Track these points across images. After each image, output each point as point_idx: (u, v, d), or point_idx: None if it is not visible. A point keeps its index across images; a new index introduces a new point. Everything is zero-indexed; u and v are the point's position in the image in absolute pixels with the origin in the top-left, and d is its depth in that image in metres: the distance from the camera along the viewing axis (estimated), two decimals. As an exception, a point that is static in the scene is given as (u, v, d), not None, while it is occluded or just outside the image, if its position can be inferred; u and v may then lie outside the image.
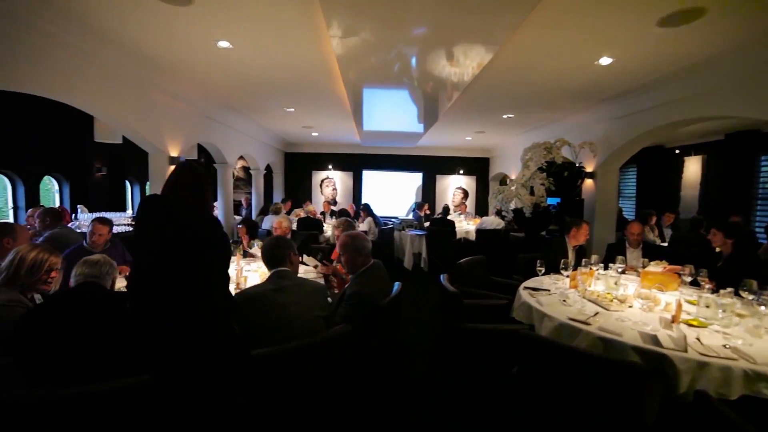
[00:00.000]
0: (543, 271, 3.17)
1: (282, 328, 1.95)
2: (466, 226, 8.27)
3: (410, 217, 8.17)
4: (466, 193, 11.73)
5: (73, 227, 6.01)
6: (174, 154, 5.38)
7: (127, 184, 9.21)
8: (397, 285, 2.89)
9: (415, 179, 11.69)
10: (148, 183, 8.31)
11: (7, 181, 6.42)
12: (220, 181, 7.31)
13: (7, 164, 6.31)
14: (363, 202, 11.31)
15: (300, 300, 2.05)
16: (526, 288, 2.97)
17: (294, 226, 7.04)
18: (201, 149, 7.33)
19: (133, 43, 3.77)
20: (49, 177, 7.14)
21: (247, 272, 3.39)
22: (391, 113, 7.15)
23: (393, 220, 8.17)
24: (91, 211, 6.87)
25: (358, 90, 5.34)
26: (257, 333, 1.94)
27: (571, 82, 4.56)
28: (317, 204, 10.78)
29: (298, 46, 3.81)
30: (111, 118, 4.27)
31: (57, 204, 7.23)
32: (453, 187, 11.71)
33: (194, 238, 1.60)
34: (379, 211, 11.28)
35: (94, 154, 7.80)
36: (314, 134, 9.19)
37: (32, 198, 6.67)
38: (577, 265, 3.23)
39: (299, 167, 11.53)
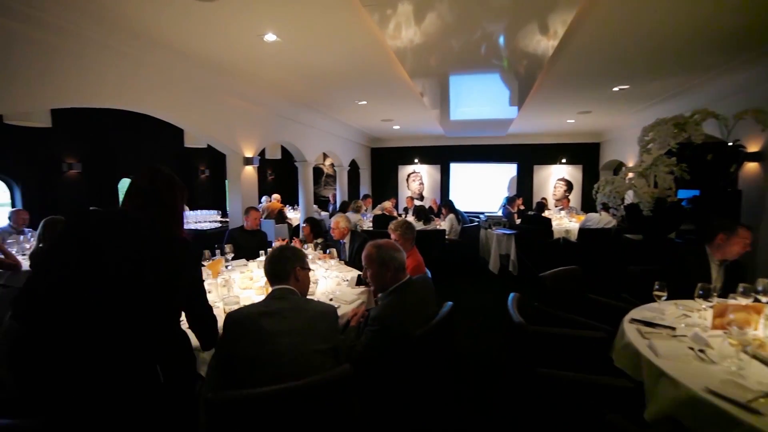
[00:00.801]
0: (665, 296, 2.19)
1: (268, 364, 1.53)
2: (567, 223, 7.00)
3: (499, 213, 7.22)
4: (569, 185, 10.13)
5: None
6: (249, 154, 5.48)
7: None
8: (447, 306, 2.27)
9: (509, 171, 10.50)
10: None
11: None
12: (300, 178, 7.40)
13: (129, 169, 7.27)
14: (449, 197, 10.64)
15: (294, 329, 1.60)
16: (634, 321, 2.07)
17: (367, 225, 6.76)
18: (285, 149, 7.51)
19: (186, 46, 3.78)
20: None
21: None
22: (474, 100, 6.40)
23: (480, 216, 7.33)
24: (194, 209, 7.56)
25: (432, 77, 4.86)
26: (244, 368, 1.55)
27: (722, 21, 3.24)
28: (402, 200, 10.42)
29: (354, 36, 3.51)
30: (183, 122, 4.43)
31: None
32: (554, 178, 10.21)
33: (121, 260, 1.25)
34: (468, 207, 10.48)
35: (200, 158, 8.62)
36: (396, 127, 8.79)
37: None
38: (728, 291, 2.18)
39: (385, 162, 11.29)
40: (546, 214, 7.27)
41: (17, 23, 2.67)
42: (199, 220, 6.47)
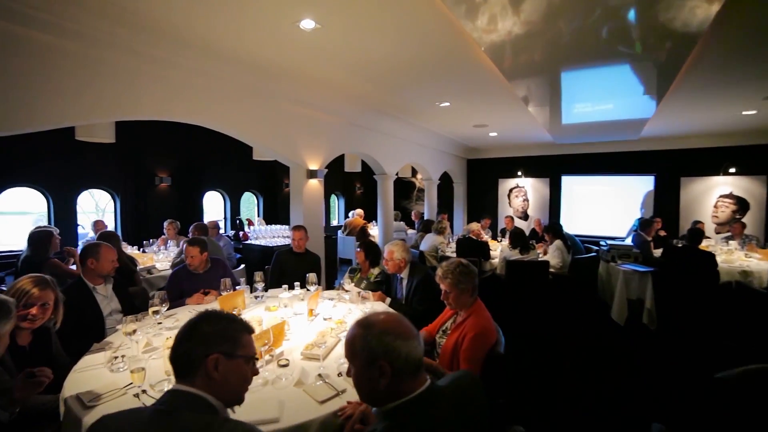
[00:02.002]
0: None
1: None
2: (742, 260, 4.88)
3: (628, 241, 5.44)
4: (742, 204, 7.45)
5: (250, 239, 6.55)
6: (314, 166, 4.99)
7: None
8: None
9: (642, 185, 8.26)
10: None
11: (219, 195, 7.72)
12: (380, 193, 6.75)
13: (215, 183, 7.55)
14: (559, 217, 8.83)
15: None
16: None
17: (451, 251, 5.69)
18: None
19: (231, 50, 3.42)
20: (249, 193, 8.25)
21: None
22: (593, 98, 5.02)
23: (600, 244, 5.63)
24: (278, 223, 7.48)
25: (533, 77, 3.94)
26: None
27: None
28: (501, 219, 8.98)
29: (420, 19, 2.81)
30: (236, 131, 4.08)
31: (255, 216, 8.28)
32: (715, 194, 7.65)
33: None
34: (583, 230, 8.55)
35: (284, 171, 8.65)
36: (492, 134, 7.57)
37: (236, 209, 7.80)
38: None
39: (483, 175, 10.03)
40: (705, 245, 5.23)
41: (53, 37, 2.58)
42: (272, 234, 6.26)
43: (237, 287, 3.01)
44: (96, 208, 6.30)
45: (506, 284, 4.72)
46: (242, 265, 4.79)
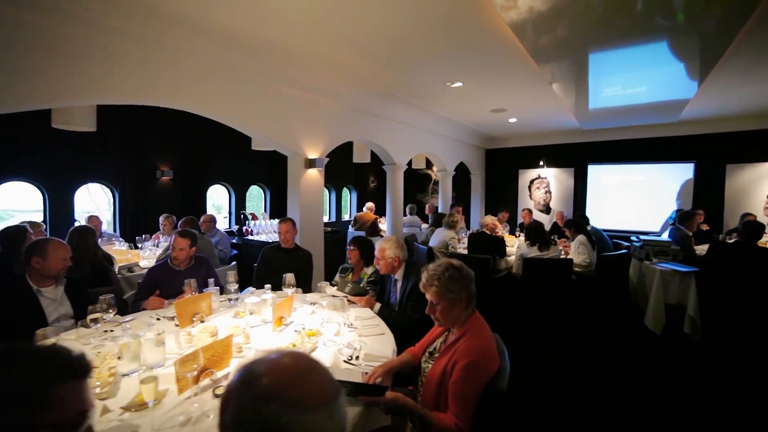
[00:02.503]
0: None
1: None
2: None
3: (665, 237, 4.79)
4: (799, 195, 6.59)
5: (251, 236, 6.26)
6: (313, 155, 4.60)
7: (325, 191, 9.64)
8: None
9: (679, 173, 7.47)
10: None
11: (225, 189, 7.46)
12: (389, 185, 6.32)
13: (225, 179, 7.29)
14: (585, 210, 8.14)
15: None
16: None
17: (462, 247, 5.21)
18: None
19: (221, 27, 3.10)
20: (256, 186, 7.97)
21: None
22: (626, 79, 4.45)
23: (631, 239, 5.00)
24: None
25: (561, 58, 3.52)
26: None
27: None
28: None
29: None
30: (226, 117, 3.73)
31: (262, 210, 8.01)
32: (767, 183, 6.80)
33: None
34: (612, 224, 7.84)
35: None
36: (512, 120, 6.97)
37: (241, 203, 7.54)
38: None
39: (503, 166, 9.42)
40: (762, 241, 4.53)
41: (25, 13, 2.36)
42: (274, 230, 5.94)
43: (212, 288, 2.65)
44: (93, 203, 6.12)
45: (523, 285, 4.21)
46: (233, 263, 4.46)
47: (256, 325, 2.25)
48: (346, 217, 10.06)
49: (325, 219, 9.64)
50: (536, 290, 4.15)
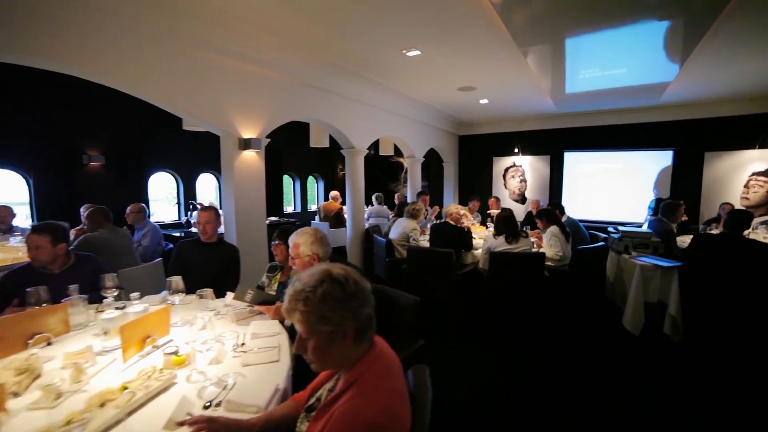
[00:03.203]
0: None
1: None
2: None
3: (644, 228, 4.38)
4: (777, 183, 6.34)
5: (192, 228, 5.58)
6: (250, 135, 3.95)
7: (289, 179, 8.98)
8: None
9: (656, 161, 7.14)
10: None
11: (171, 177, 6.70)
12: (348, 171, 5.71)
13: (169, 165, 6.53)
14: (561, 199, 7.75)
15: None
16: None
17: (425, 239, 4.69)
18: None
19: None
20: (209, 173, 7.24)
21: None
22: (604, 59, 4.17)
23: (610, 230, 4.57)
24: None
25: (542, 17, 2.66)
26: None
27: None
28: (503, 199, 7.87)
29: None
30: (138, 88, 3.05)
31: (216, 199, 7.29)
32: (746, 171, 6.53)
33: None
34: (589, 214, 7.48)
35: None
36: (483, 101, 6.44)
37: (190, 192, 6.81)
38: None
39: (476, 153, 8.93)
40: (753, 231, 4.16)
41: None
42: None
43: (74, 298, 2.01)
44: None
45: (489, 281, 3.71)
46: (158, 259, 3.80)
47: (112, 349, 1.65)
48: (313, 207, 9.43)
49: (289, 209, 8.99)
50: (504, 287, 3.66)
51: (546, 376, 3.00)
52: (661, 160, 7.10)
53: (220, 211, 3.47)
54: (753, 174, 6.47)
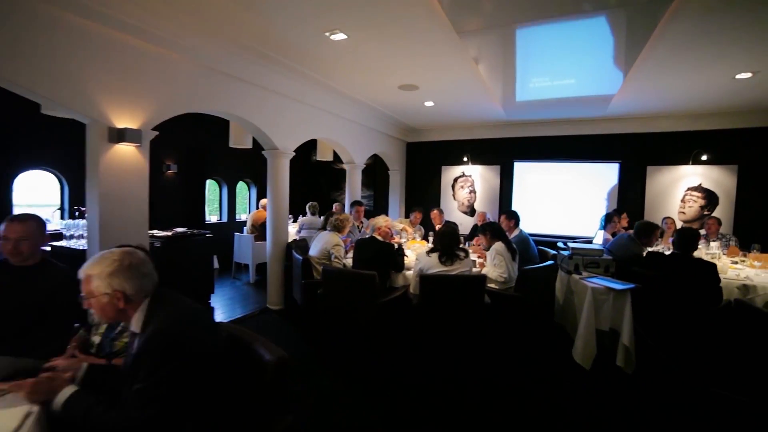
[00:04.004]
0: None
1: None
2: (733, 271, 3.61)
3: (595, 244, 3.99)
4: (711, 198, 6.38)
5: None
6: (126, 125, 3.09)
7: (216, 184, 7.99)
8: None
9: (607, 173, 7.03)
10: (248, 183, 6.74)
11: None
12: (269, 174, 4.93)
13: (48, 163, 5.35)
14: (511, 209, 7.42)
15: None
16: None
17: (350, 257, 4.01)
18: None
19: None
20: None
21: None
22: (555, 59, 4.04)
23: (560, 246, 4.13)
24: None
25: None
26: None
27: None
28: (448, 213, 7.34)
29: None
30: None
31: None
32: (682, 186, 6.54)
33: None
34: (537, 227, 7.20)
35: (167, 153, 6.61)
36: (428, 104, 5.95)
37: (78, 197, 5.65)
38: None
39: (425, 161, 8.45)
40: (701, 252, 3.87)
41: None
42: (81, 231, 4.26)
43: None
44: None
45: (419, 310, 3.08)
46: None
47: None
48: (243, 216, 8.45)
49: (214, 219, 7.97)
50: (436, 316, 3.04)
51: (482, 421, 2.40)
52: (611, 172, 6.98)
53: (52, 219, 2.57)
54: (688, 189, 6.49)
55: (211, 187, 8.36)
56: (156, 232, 4.91)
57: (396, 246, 3.53)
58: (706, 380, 2.85)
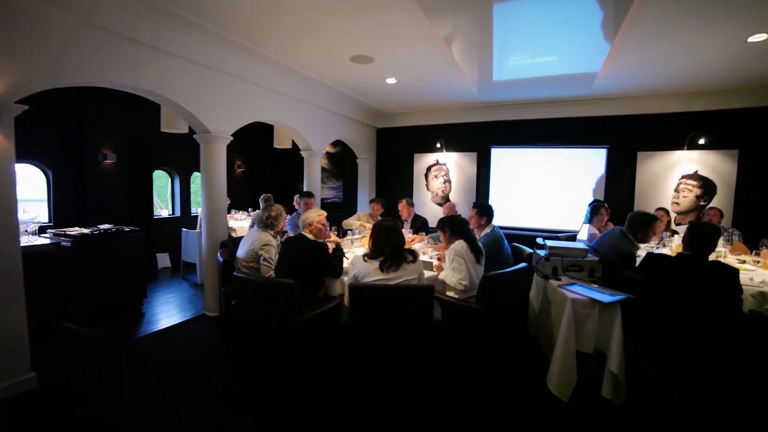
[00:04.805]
0: None
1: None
2: (746, 274, 2.98)
3: (579, 241, 3.33)
4: (708, 187, 5.78)
5: None
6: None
7: (167, 175, 7.20)
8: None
9: (595, 160, 6.38)
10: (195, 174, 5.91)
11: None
12: (203, 163, 4.19)
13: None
14: (488, 200, 6.76)
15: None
16: None
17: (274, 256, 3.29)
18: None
19: None
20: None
21: None
22: (531, 37, 3.49)
23: (539, 241, 3.44)
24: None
25: None
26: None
27: None
28: (419, 205, 6.66)
29: None
30: None
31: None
32: (676, 173, 5.93)
33: None
34: (518, 221, 6.56)
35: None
36: (390, 81, 5.20)
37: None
38: None
39: (396, 149, 7.74)
40: (678, 244, 3.22)
41: None
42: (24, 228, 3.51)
43: None
44: None
45: (349, 329, 2.39)
46: None
47: None
48: (199, 210, 7.67)
49: (165, 213, 7.19)
50: (371, 338, 2.36)
51: None
52: (597, 159, 6.33)
53: None
54: (682, 177, 5.88)
55: (162, 178, 7.56)
56: (69, 230, 4.17)
57: (334, 246, 2.83)
58: (714, 413, 2.24)
